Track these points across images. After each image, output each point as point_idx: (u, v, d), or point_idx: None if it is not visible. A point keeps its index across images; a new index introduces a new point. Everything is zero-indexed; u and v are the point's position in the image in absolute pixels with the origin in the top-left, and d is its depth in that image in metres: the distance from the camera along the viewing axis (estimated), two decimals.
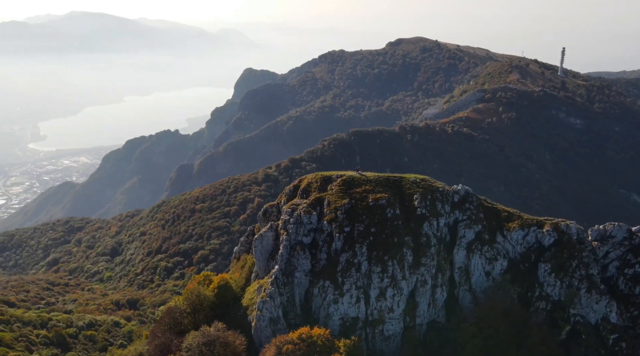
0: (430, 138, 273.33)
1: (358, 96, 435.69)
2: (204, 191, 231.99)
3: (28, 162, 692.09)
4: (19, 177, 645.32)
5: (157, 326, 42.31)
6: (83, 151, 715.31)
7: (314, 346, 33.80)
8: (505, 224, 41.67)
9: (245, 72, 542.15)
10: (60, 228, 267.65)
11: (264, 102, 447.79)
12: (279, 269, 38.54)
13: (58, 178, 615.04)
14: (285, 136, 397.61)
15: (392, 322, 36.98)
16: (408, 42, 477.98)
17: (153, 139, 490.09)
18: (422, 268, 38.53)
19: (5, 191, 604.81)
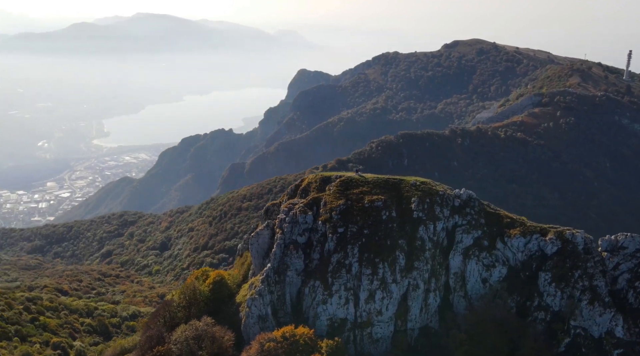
0: (481, 142, 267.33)
1: (410, 99, 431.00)
2: (251, 189, 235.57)
3: (92, 157, 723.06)
4: (83, 171, 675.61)
5: (152, 319, 43.64)
6: (143, 148, 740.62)
7: (296, 345, 34.02)
8: (506, 230, 40.34)
9: (299, 73, 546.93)
10: (115, 222, 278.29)
11: (316, 103, 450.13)
12: (271, 268, 38.98)
13: (119, 173, 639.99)
14: (335, 137, 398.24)
15: (380, 325, 36.59)
16: (464, 44, 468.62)
17: (207, 138, 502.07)
18: (415, 272, 37.90)
19: (70, 184, 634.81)
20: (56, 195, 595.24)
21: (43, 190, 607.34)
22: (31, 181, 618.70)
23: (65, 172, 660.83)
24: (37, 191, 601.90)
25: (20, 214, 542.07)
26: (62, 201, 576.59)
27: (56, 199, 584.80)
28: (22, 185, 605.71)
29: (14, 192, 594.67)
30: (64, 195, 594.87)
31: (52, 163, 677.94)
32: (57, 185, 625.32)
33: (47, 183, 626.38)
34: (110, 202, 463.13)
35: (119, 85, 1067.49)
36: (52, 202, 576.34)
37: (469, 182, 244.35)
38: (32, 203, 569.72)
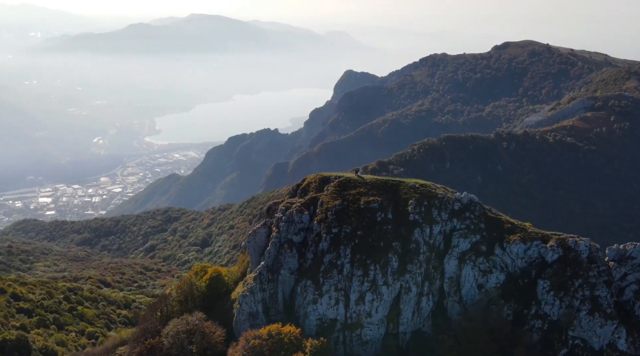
0: (528, 147, 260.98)
1: (457, 101, 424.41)
2: None
3: (143, 154, 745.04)
4: (135, 168, 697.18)
5: (149, 311, 44.85)
6: (192, 146, 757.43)
7: (281, 343, 34.27)
8: (506, 236, 39.28)
9: (346, 74, 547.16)
10: (160, 217, 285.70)
11: (361, 105, 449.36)
12: (264, 266, 39.38)
13: (168, 170, 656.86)
14: (379, 138, 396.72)
15: (370, 327, 36.31)
16: (515, 46, 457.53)
17: (253, 137, 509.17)
18: (407, 275, 37.42)
19: (122, 180, 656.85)
20: (109, 190, 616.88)
21: (97, 185, 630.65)
22: (86, 175, 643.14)
23: (118, 168, 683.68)
24: (91, 186, 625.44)
25: (75, 207, 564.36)
26: (114, 196, 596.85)
27: (109, 193, 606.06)
28: (78, 179, 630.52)
29: (70, 186, 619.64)
30: (116, 190, 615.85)
31: (106, 159, 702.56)
32: (110, 180, 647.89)
33: (100, 178, 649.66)
34: (158, 198, 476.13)
35: (171, 84, 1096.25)
36: (105, 196, 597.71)
37: (513, 187, 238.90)
38: (86, 197, 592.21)
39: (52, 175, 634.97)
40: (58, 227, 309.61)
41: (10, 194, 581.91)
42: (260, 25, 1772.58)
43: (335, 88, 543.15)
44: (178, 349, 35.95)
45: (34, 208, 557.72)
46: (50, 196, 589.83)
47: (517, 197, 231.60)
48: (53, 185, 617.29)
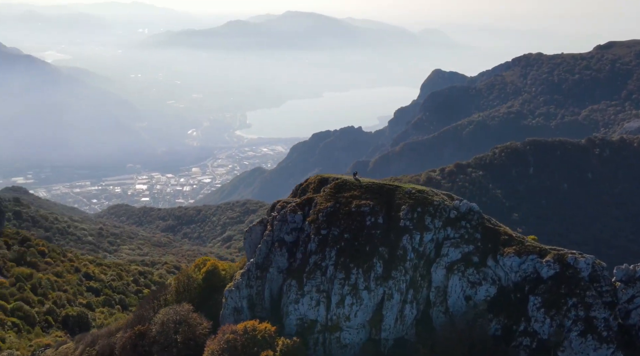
0: (624, 154, 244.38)
1: (551, 103, 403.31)
2: None
3: (233, 147, 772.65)
4: (224, 160, 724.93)
5: (147, 299, 46.97)
6: (280, 141, 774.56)
7: (254, 340, 34.86)
8: (501, 248, 37.28)
9: (434, 73, 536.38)
10: (238, 209, 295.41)
11: (446, 105, 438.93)
12: (253, 263, 40.12)
13: (255, 163, 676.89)
14: (463, 140, 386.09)
15: (349, 331, 35.97)
16: (621, 46, 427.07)
17: (337, 134, 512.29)
18: (391, 281, 36.60)
19: (212, 171, 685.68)
20: (199, 180, 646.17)
21: (188, 175, 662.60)
22: (179, 165, 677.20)
23: (208, 160, 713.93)
24: (183, 175, 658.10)
25: (167, 195, 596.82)
26: (204, 186, 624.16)
27: (199, 183, 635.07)
28: (171, 169, 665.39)
29: (164, 175, 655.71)
30: (205, 180, 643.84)
31: (198, 150, 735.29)
32: (200, 171, 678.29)
33: (192, 168, 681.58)
34: (243, 190, 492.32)
35: (264, 80, 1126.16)
36: (195, 186, 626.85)
37: (603, 196, 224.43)
38: (177, 186, 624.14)
39: (148, 164, 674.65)
40: (146, 213, 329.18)
41: (111, 180, 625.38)
42: (353, 22, 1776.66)
43: (422, 87, 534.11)
44: (165, 337, 37.58)
45: (131, 194, 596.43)
46: (145, 184, 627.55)
47: (607, 207, 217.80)
48: (149, 173, 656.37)
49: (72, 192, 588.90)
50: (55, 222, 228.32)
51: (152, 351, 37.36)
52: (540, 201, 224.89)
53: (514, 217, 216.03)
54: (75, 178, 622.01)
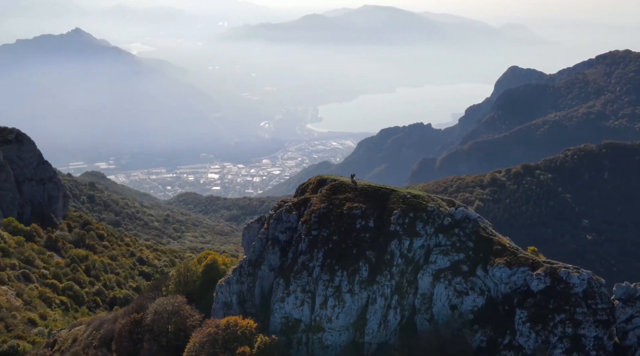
0: None
1: (637, 104, 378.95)
2: (427, 186, 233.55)
3: (303, 140, 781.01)
4: (294, 152, 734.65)
5: (149, 288, 48.74)
6: (350, 135, 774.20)
7: (234, 335, 35.64)
8: (492, 258, 35.84)
9: (510, 71, 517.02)
10: None
11: (521, 103, 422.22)
12: (246, 259, 40.82)
13: (324, 157, 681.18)
14: (537, 140, 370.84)
15: (331, 332, 35.91)
16: None
17: (405, 131, 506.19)
18: (375, 286, 36.14)
19: (281, 163, 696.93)
20: (269, 172, 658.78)
21: (258, 166, 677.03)
22: (250, 156, 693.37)
23: (279, 152, 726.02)
24: (253, 166, 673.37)
25: (237, 185, 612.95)
26: (273, 178, 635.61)
27: (268, 175, 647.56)
28: (243, 160, 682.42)
29: (236, 165, 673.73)
30: (275, 172, 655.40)
31: (270, 142, 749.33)
32: (270, 163, 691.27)
33: (263, 160, 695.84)
34: None
35: (337, 74, 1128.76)
36: (264, 177, 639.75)
37: None
38: (248, 177, 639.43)
39: (221, 154, 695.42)
40: (212, 202, 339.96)
41: (185, 169, 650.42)
42: (432, 17, 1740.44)
43: (496, 85, 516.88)
44: (157, 326, 39.17)
45: (203, 182, 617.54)
46: (217, 173, 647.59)
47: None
48: (221, 163, 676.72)
49: (148, 178, 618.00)
50: (126, 207, 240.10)
51: (144, 339, 39.15)
52: (614, 207, 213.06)
53: (584, 223, 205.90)
54: (152, 165, 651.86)
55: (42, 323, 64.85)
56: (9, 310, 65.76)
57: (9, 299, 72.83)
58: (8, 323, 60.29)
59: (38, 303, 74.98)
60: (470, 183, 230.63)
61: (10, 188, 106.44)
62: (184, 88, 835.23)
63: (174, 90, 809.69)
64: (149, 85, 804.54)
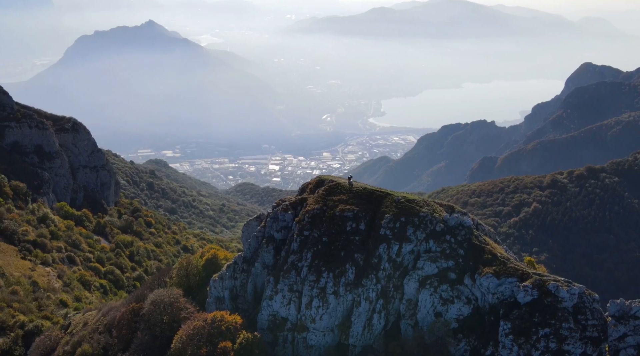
0: None
1: None
2: (483, 186, 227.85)
3: (365, 134, 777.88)
4: (355, 146, 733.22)
5: (152, 279, 49.99)
6: (412, 131, 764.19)
7: (218, 330, 36.28)
8: (480, 267, 34.52)
9: (582, 67, 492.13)
10: None
11: (592, 102, 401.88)
12: (241, 256, 41.27)
13: (385, 152, 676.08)
14: (608, 141, 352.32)
15: (315, 333, 35.80)
16: None
17: (467, 128, 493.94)
18: (360, 289, 35.69)
19: (341, 156, 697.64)
20: (328, 165, 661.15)
21: (319, 159, 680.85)
22: (311, 149, 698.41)
23: (339, 145, 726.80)
24: (314, 159, 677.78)
25: (297, 177, 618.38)
26: (332, 171, 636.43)
27: (328, 168, 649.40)
28: (303, 152, 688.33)
29: (296, 157, 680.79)
30: (334, 165, 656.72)
31: (331, 136, 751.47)
32: (331, 156, 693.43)
33: (323, 152, 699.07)
34: (367, 178, 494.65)
35: (402, 68, 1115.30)
36: (324, 170, 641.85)
37: None
38: (308, 169, 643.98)
39: (282, 145, 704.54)
40: (268, 193, 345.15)
41: (247, 159, 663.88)
42: (504, 10, 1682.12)
43: (567, 82, 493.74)
44: (153, 316, 40.46)
45: (263, 173, 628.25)
46: (278, 164, 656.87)
47: None
48: (282, 155, 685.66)
49: (211, 167, 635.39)
50: (183, 195, 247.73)
51: (139, 328, 40.63)
52: None
53: None
54: (215, 155, 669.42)
55: (75, 304, 68.25)
56: (45, 291, 69.74)
57: (49, 280, 77.23)
58: (41, 304, 63.99)
59: (76, 285, 78.94)
60: (529, 183, 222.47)
61: (64, 174, 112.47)
62: (249, 80, 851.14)
63: (239, 81, 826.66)
64: (216, 76, 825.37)
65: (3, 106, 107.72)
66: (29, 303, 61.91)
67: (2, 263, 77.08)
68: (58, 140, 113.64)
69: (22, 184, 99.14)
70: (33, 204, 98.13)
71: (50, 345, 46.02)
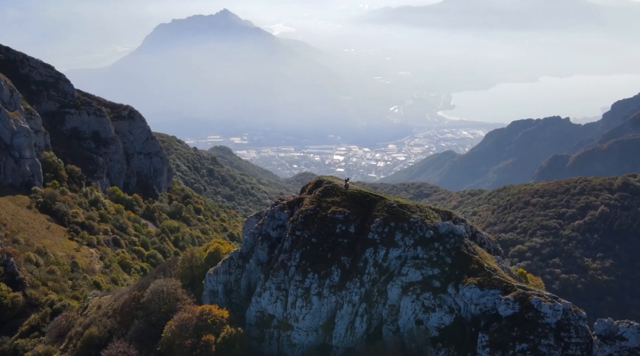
0: None
1: None
2: (547, 185, 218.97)
3: (432, 127, 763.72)
4: (422, 139, 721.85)
5: (157, 269, 51.20)
6: (482, 125, 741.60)
7: (204, 323, 37.13)
8: (465, 277, 33.29)
9: None
10: (412, 191, 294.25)
11: None
12: (237, 252, 41.77)
13: (452, 146, 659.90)
14: None
15: (298, 332, 35.87)
16: None
17: (539, 124, 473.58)
18: (344, 291, 35.41)
19: (407, 149, 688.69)
20: (393, 157, 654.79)
21: (384, 151, 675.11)
22: (377, 140, 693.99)
23: (406, 138, 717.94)
24: (379, 151, 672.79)
25: (361, 168, 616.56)
26: (397, 164, 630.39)
27: (392, 160, 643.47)
28: (369, 143, 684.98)
29: (361, 148, 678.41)
30: (399, 158, 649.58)
31: (397, 128, 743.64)
32: (396, 148, 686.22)
33: (389, 144, 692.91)
34: (431, 172, 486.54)
35: (475, 60, 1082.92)
36: (389, 163, 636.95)
37: None
38: (372, 161, 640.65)
39: (348, 136, 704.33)
40: None
41: (313, 148, 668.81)
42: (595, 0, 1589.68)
43: None
44: (152, 305, 41.90)
45: (328, 163, 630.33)
46: (343, 155, 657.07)
47: None
48: (347, 145, 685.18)
49: (277, 155, 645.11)
50: (242, 183, 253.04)
51: (137, 315, 42.23)
52: None
53: None
54: (282, 143, 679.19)
55: (109, 286, 71.61)
56: (84, 271, 73.66)
57: (91, 261, 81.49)
58: (75, 284, 67.70)
59: (115, 268, 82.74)
60: (598, 185, 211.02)
61: (119, 159, 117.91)
62: (318, 70, 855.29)
63: (309, 71, 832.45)
64: (285, 65, 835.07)
65: (65, 94, 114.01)
66: (63, 283, 65.64)
67: (50, 242, 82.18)
68: (114, 127, 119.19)
69: (78, 168, 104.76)
70: (86, 188, 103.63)
71: (65, 324, 48.74)
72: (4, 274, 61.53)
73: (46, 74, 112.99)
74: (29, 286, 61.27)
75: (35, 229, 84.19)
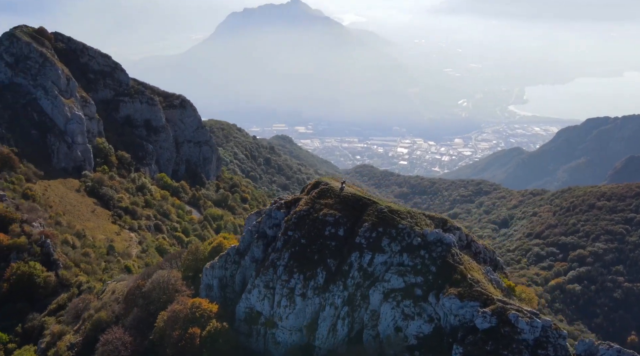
0: None
1: None
2: (615, 188, 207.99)
3: (502, 122, 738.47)
4: (490, 134, 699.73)
5: (163, 261, 52.07)
6: (557, 121, 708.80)
7: (193, 316, 37.94)
8: (447, 287, 32.12)
9: None
10: (471, 188, 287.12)
11: None
12: (234, 248, 42.15)
13: (523, 142, 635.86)
14: None
15: (282, 330, 36.12)
16: None
17: (617, 122, 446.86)
18: (327, 294, 35.16)
19: (474, 144, 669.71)
20: (459, 152, 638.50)
21: (449, 145, 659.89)
22: (442, 134, 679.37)
23: (473, 132, 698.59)
24: (444, 145, 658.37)
25: (424, 162, 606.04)
26: (462, 158, 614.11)
27: (458, 155, 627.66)
28: (434, 137, 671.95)
29: (426, 141, 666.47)
30: (465, 153, 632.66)
31: (465, 122, 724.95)
32: (462, 142, 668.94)
33: (455, 138, 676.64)
34: (496, 169, 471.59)
35: (553, 53, 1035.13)
36: (454, 157, 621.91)
37: None
38: (437, 155, 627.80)
39: (413, 129, 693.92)
40: (386, 177, 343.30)
41: (376, 140, 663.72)
42: None
43: None
44: (152, 294, 43.21)
45: (391, 155, 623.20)
46: (407, 148, 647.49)
47: None
48: (412, 138, 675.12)
49: (340, 146, 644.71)
50: (298, 172, 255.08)
51: (138, 303, 43.63)
52: None
53: None
54: (345, 134, 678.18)
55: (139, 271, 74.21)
56: (119, 255, 76.81)
57: (129, 245, 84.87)
58: (107, 267, 70.75)
59: (152, 252, 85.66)
60: None
61: (168, 147, 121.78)
62: (385, 60, 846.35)
63: (376, 62, 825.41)
64: (353, 56, 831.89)
65: (120, 83, 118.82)
66: (96, 266, 68.81)
67: (92, 225, 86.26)
68: (166, 115, 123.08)
69: (127, 154, 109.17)
70: (135, 174, 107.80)
71: (82, 306, 51.15)
72: (41, 255, 65.18)
73: (103, 63, 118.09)
74: (62, 267, 64.58)
75: (81, 212, 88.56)
